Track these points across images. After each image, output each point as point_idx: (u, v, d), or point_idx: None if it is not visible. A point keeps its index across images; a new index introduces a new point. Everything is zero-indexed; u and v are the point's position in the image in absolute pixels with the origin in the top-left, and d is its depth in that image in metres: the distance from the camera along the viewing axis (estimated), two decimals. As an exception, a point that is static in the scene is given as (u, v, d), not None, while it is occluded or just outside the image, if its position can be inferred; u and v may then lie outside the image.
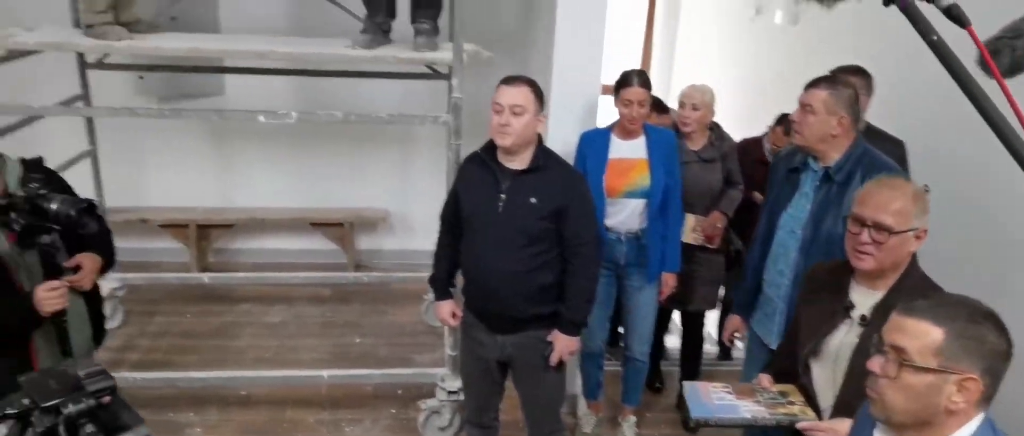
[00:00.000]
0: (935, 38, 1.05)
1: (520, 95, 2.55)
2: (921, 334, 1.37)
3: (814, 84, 2.55)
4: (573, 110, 3.36)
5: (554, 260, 2.68)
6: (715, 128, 3.60)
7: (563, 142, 3.20)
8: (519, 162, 2.63)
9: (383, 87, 4.49)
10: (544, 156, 2.66)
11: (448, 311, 2.91)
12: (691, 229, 3.52)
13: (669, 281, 3.33)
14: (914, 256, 2.01)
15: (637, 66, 4.47)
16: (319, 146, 5.09)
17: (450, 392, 3.51)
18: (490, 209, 2.63)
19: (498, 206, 2.62)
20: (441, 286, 2.93)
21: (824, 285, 2.11)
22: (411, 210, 5.35)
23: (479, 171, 2.69)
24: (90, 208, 2.20)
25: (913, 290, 1.91)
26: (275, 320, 4.61)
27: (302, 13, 4.71)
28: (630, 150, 3.20)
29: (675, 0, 6.90)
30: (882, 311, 1.90)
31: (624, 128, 3.18)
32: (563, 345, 2.73)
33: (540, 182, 2.61)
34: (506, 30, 4.72)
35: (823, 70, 2.76)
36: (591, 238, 2.70)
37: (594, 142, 3.20)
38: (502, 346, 2.77)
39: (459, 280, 2.97)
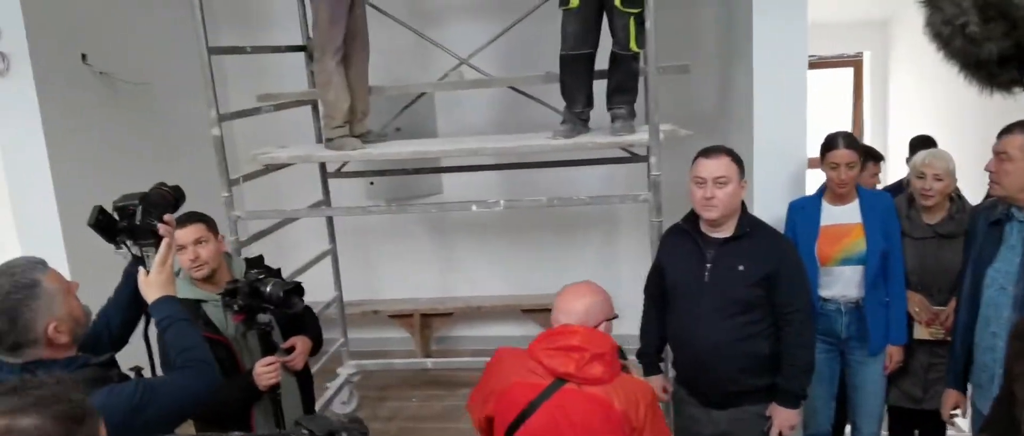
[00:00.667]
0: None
1: (721, 166, 2.58)
2: None
3: (1009, 130, 2.41)
4: (778, 182, 3.32)
5: (767, 330, 2.62)
6: (956, 199, 3.16)
7: (770, 216, 3.15)
8: (724, 231, 2.64)
9: (583, 173, 4.65)
10: (749, 223, 2.66)
11: (659, 386, 2.90)
12: (926, 324, 3.10)
13: (894, 355, 3.10)
14: None
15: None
16: (527, 234, 5.35)
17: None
18: (697, 278, 2.64)
19: (704, 275, 2.63)
20: (650, 360, 2.94)
21: None
22: (615, 293, 5.36)
23: (682, 242, 2.73)
24: (297, 289, 2.53)
25: None
26: (493, 404, 4.78)
27: (508, 114, 5.06)
28: (843, 215, 3.09)
29: (883, 68, 6.59)
30: None
31: (834, 192, 3.08)
32: (783, 419, 2.63)
33: (747, 249, 2.60)
34: (702, 110, 4.77)
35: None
36: (804, 305, 2.63)
37: (804, 209, 3.13)
38: (717, 422, 2.72)
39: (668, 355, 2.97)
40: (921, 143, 3.56)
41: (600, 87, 3.65)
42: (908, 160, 3.56)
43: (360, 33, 3.81)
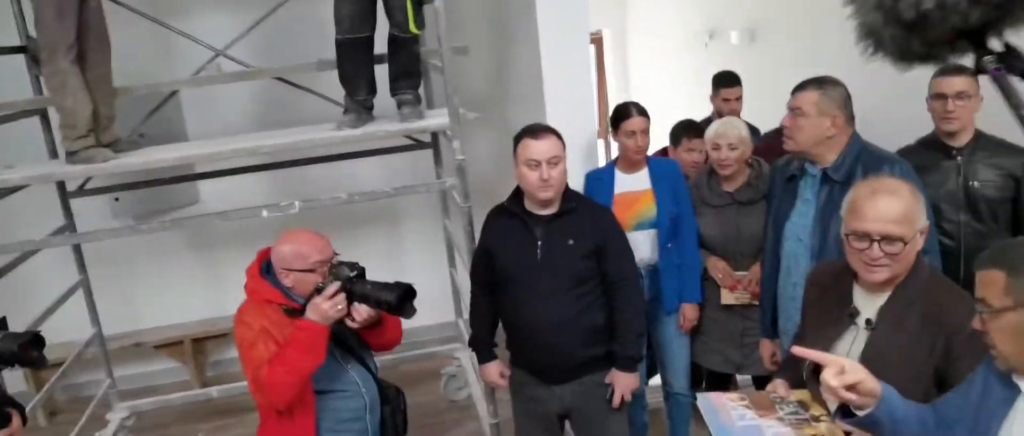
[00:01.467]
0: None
1: (553, 146, 2.56)
2: (991, 281, 1.44)
3: (802, 87, 2.51)
4: (574, 156, 3.34)
5: (600, 300, 2.65)
6: (755, 165, 3.16)
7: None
8: (550, 208, 2.61)
9: (358, 167, 4.41)
10: (574, 198, 2.66)
11: (496, 371, 2.84)
12: (730, 289, 3.14)
13: (688, 312, 3.22)
14: (919, 255, 1.89)
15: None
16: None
17: (501, 461, 3.41)
18: (530, 258, 2.60)
19: (537, 254, 2.59)
20: (484, 347, 2.86)
21: (828, 289, 2.02)
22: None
23: (509, 223, 2.67)
24: (35, 340, 2.18)
25: (921, 289, 1.85)
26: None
27: (265, 109, 4.69)
28: (634, 183, 3.20)
29: (621, 40, 7.06)
30: (887, 314, 1.85)
31: (628, 160, 3.19)
32: (624, 383, 2.68)
33: (575, 223, 2.60)
34: (479, 90, 4.76)
35: (786, 85, 2.76)
36: (632, 272, 2.70)
37: (600, 180, 3.20)
38: (561, 397, 2.71)
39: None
40: (685, 129, 3.63)
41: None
42: (670, 143, 3.70)
43: (95, 26, 3.26)
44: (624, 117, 3.13)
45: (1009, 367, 1.48)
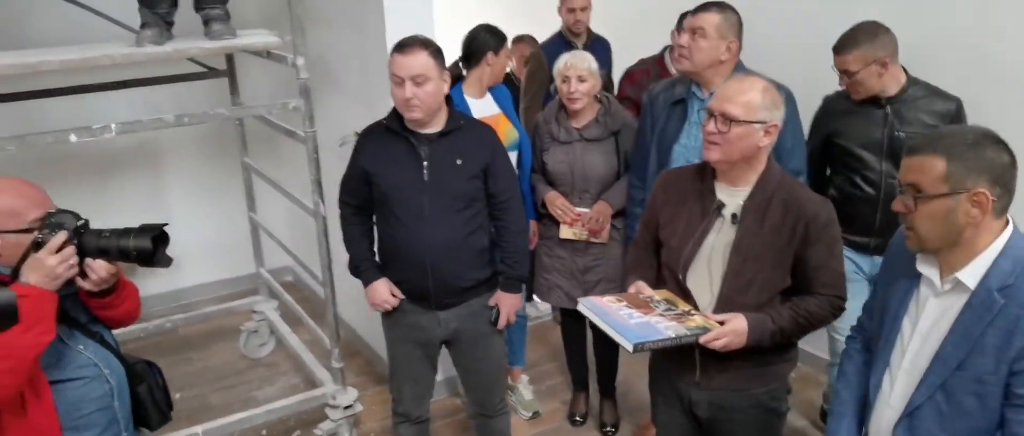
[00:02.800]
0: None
1: (418, 63, 2.36)
2: (928, 167, 1.55)
3: (704, 8, 2.54)
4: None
5: (485, 221, 2.59)
6: (605, 101, 3.07)
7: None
8: (434, 126, 2.47)
9: (104, 102, 3.67)
10: (458, 116, 2.53)
11: (387, 289, 2.59)
12: (569, 224, 3.07)
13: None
14: (771, 157, 2.04)
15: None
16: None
17: (346, 407, 3.19)
18: (414, 180, 2.44)
19: (423, 175, 2.44)
20: (370, 265, 2.63)
21: (686, 190, 2.12)
22: (173, 241, 4.62)
23: (391, 143, 2.48)
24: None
25: (776, 185, 2.01)
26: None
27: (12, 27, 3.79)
28: (485, 108, 3.16)
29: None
30: (751, 208, 2.00)
31: (480, 86, 3.14)
32: (509, 304, 2.65)
33: (461, 142, 2.49)
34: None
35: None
36: (516, 191, 2.65)
37: (459, 105, 3.07)
38: (446, 322, 2.60)
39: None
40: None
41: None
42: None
43: None
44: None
45: (921, 248, 1.63)
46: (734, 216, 2.02)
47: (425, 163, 2.45)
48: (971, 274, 1.58)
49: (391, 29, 3.08)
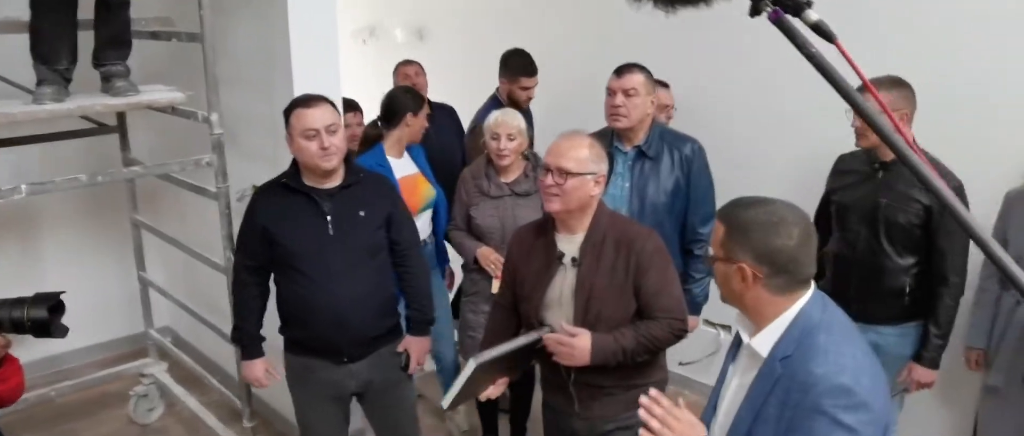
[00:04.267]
0: (813, 51, 0.98)
1: (328, 113, 2.45)
2: (716, 229, 1.61)
3: (628, 69, 2.76)
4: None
5: (390, 269, 2.66)
6: (531, 157, 3.16)
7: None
8: (333, 180, 2.52)
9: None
10: (355, 168, 2.60)
11: (262, 369, 2.66)
12: (499, 278, 2.85)
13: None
14: (601, 203, 2.25)
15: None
16: None
17: None
18: (319, 235, 2.49)
19: (327, 230, 2.49)
20: (254, 340, 2.66)
21: (532, 244, 2.31)
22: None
23: (289, 200, 2.51)
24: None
25: (607, 225, 2.22)
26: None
27: None
28: (405, 167, 3.30)
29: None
30: (587, 250, 2.20)
31: (399, 147, 3.28)
32: (419, 348, 2.74)
33: (362, 194, 2.57)
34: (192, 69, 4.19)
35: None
36: (417, 238, 2.78)
37: (381, 167, 3.16)
38: (357, 374, 2.63)
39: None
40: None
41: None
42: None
43: None
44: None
45: (724, 301, 1.67)
46: (573, 260, 2.21)
47: (329, 217, 2.48)
48: (763, 342, 1.57)
49: (299, 90, 3.13)
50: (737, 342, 1.71)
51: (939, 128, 2.67)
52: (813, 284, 1.59)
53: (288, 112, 2.48)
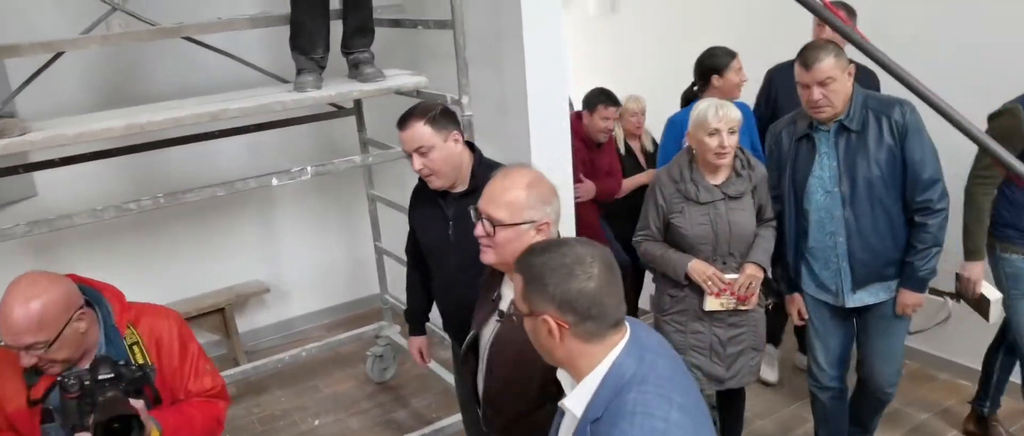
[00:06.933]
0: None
1: (416, 135, 2.41)
2: (516, 281, 1.48)
3: (814, 58, 2.56)
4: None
5: None
6: (740, 153, 2.78)
7: (549, 158, 3.15)
8: (459, 186, 2.53)
9: (221, 148, 3.93)
10: (481, 175, 2.45)
11: (416, 347, 2.89)
12: (717, 295, 2.75)
13: None
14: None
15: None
16: (162, 230, 4.34)
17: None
18: (441, 237, 2.57)
19: (448, 234, 2.55)
20: (417, 319, 2.91)
21: (487, 281, 2.06)
22: (283, 278, 4.79)
23: (425, 202, 2.63)
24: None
25: None
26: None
27: (115, 85, 4.00)
28: None
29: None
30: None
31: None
32: None
33: None
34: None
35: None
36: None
37: (681, 124, 3.21)
38: None
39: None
40: (600, 96, 3.83)
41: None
42: (585, 108, 3.88)
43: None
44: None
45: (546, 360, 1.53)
46: (501, 313, 1.91)
47: (450, 222, 2.53)
48: (577, 401, 1.45)
49: (531, 66, 3.23)
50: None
51: None
52: (628, 329, 1.47)
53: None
